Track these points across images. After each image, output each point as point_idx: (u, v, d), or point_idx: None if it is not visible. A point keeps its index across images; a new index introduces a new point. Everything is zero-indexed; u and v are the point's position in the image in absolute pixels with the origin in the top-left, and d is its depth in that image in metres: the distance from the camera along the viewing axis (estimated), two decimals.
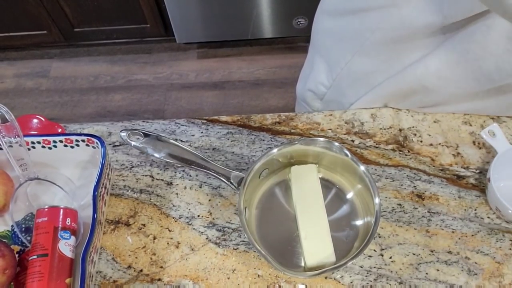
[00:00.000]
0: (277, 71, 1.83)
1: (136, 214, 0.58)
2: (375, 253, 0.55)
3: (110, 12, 1.66)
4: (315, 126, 0.66)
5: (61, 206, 0.53)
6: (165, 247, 0.56)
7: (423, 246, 0.55)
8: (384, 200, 0.59)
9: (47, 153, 0.58)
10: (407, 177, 0.60)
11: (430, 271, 0.54)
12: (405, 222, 0.57)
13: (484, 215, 0.57)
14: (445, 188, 0.59)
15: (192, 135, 0.65)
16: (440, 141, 0.63)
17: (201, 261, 0.55)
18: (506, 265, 0.54)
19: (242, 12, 1.65)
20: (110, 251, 0.56)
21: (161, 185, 0.61)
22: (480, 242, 0.55)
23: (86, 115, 1.74)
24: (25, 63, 1.90)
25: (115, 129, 0.66)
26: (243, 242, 0.56)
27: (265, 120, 0.66)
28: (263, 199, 0.58)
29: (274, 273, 0.54)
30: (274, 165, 0.57)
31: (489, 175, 0.55)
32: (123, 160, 0.63)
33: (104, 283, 0.54)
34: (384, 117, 0.66)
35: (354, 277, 0.53)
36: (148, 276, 0.54)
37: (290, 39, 1.88)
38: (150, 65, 1.87)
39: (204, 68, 1.85)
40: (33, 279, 0.48)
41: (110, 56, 1.90)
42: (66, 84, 1.83)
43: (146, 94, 1.79)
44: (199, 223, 0.58)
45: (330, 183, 0.59)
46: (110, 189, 0.60)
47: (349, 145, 0.63)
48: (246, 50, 1.89)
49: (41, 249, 0.50)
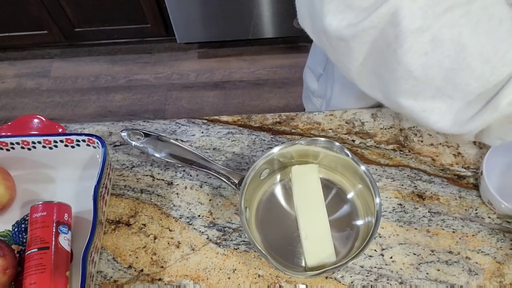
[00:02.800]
0: (278, 71, 1.83)
1: (137, 214, 0.58)
2: (376, 253, 0.55)
3: (111, 12, 1.66)
4: (315, 126, 0.65)
5: (54, 201, 0.53)
6: (165, 247, 0.56)
7: (423, 246, 0.55)
8: (384, 200, 0.58)
9: (47, 153, 0.58)
10: (408, 177, 0.60)
11: (431, 271, 0.53)
12: (406, 222, 0.57)
13: (485, 215, 0.57)
14: (446, 188, 0.59)
15: (192, 135, 0.65)
16: (440, 141, 0.63)
17: (201, 261, 0.55)
18: (507, 265, 0.54)
19: (242, 12, 1.65)
20: (111, 251, 0.56)
21: (162, 185, 0.61)
22: (481, 242, 0.55)
23: (87, 115, 1.74)
24: (26, 63, 1.90)
25: (115, 129, 0.66)
26: (243, 242, 0.56)
27: (266, 120, 0.66)
28: (263, 199, 0.58)
29: (274, 273, 0.54)
30: (275, 165, 0.57)
31: (482, 169, 0.55)
32: (124, 160, 0.63)
33: (105, 283, 0.54)
34: (385, 117, 0.66)
35: (354, 277, 0.53)
36: (149, 276, 0.54)
37: (290, 39, 1.88)
38: (151, 65, 1.87)
39: (205, 68, 1.85)
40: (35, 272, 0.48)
41: (111, 56, 1.90)
42: (66, 84, 1.83)
43: (147, 94, 1.79)
44: (200, 223, 0.58)
45: (331, 183, 0.59)
46: (111, 189, 0.60)
47: (349, 145, 0.63)
48: (247, 50, 1.89)
49: (42, 243, 0.50)
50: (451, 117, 0.39)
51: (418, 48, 0.35)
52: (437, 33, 0.34)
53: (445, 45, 0.35)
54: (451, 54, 0.35)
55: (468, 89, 0.36)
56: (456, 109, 0.38)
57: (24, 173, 0.60)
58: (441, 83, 0.37)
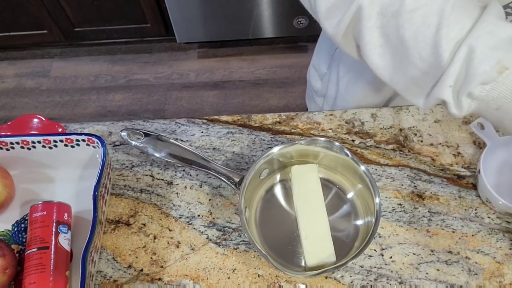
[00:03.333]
0: (278, 71, 1.83)
1: (137, 213, 0.58)
2: (376, 253, 0.55)
3: (111, 11, 1.66)
4: (315, 125, 0.65)
5: (54, 201, 0.53)
6: (165, 246, 0.56)
7: (423, 246, 0.55)
8: (384, 200, 0.59)
9: (47, 152, 0.58)
10: (408, 177, 0.60)
11: (431, 271, 0.54)
12: (406, 222, 0.57)
13: (484, 215, 0.57)
14: (446, 188, 0.59)
15: (192, 135, 0.65)
16: (440, 141, 0.63)
17: (201, 260, 0.55)
18: (506, 265, 0.54)
19: (242, 12, 1.65)
20: (111, 250, 0.56)
21: (162, 185, 0.61)
22: (481, 242, 0.55)
23: (87, 114, 1.74)
24: (26, 62, 1.90)
25: (115, 128, 0.66)
26: (243, 241, 0.56)
27: (266, 120, 0.66)
28: (263, 199, 0.58)
29: (274, 273, 0.54)
30: (275, 165, 0.57)
31: (479, 167, 0.55)
32: (124, 160, 0.63)
33: (105, 282, 0.54)
34: (385, 117, 0.66)
35: (354, 277, 0.53)
36: (149, 275, 0.54)
37: (290, 39, 1.88)
38: (151, 65, 1.87)
39: (205, 67, 1.85)
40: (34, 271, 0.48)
41: (111, 56, 1.90)
42: (66, 83, 1.83)
43: (147, 93, 1.79)
44: (200, 222, 0.58)
45: (331, 182, 0.59)
46: (111, 188, 0.60)
47: (349, 145, 0.63)
48: (247, 49, 1.89)
49: (41, 242, 0.50)
50: (424, 93, 0.43)
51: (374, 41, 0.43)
52: (386, 31, 0.41)
53: (392, 40, 0.41)
54: (397, 46, 0.41)
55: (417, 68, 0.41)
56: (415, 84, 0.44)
57: (23, 173, 0.60)
58: (397, 65, 0.43)
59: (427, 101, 0.43)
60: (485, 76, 0.37)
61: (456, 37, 0.38)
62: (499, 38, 0.37)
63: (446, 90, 0.39)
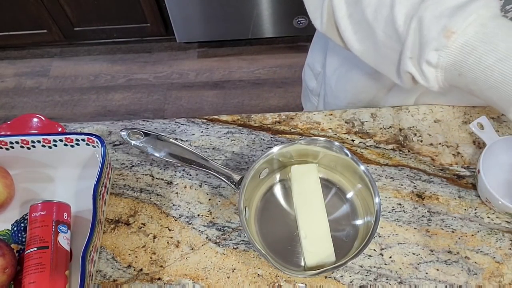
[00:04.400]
0: (278, 70, 1.83)
1: (136, 213, 0.58)
2: (375, 252, 0.55)
3: (111, 11, 1.66)
4: (315, 125, 0.66)
5: (54, 200, 0.53)
6: (165, 246, 0.56)
7: (423, 245, 0.55)
8: (384, 200, 0.59)
9: (47, 152, 0.58)
10: (407, 176, 0.60)
11: (430, 271, 0.54)
12: (405, 221, 0.57)
13: (484, 215, 0.57)
14: (445, 187, 0.59)
15: (192, 135, 0.65)
16: (440, 140, 0.63)
17: (201, 260, 0.55)
18: (506, 264, 0.54)
19: (242, 12, 1.65)
20: (110, 250, 0.56)
21: (161, 185, 0.61)
22: (480, 242, 0.55)
23: (86, 114, 1.74)
24: (25, 62, 1.90)
25: (115, 128, 0.66)
26: (243, 241, 0.56)
27: (265, 120, 0.66)
28: (263, 199, 0.58)
29: (274, 273, 0.54)
30: (274, 165, 0.57)
31: (479, 167, 0.55)
32: (123, 159, 0.63)
33: (104, 282, 0.54)
34: (384, 117, 0.66)
35: (354, 276, 0.53)
36: (148, 275, 0.54)
37: (290, 39, 1.88)
38: (151, 65, 1.87)
39: (205, 67, 1.85)
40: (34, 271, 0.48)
41: (111, 55, 1.90)
42: (66, 83, 1.83)
43: (146, 93, 1.79)
44: (199, 222, 0.58)
45: (330, 182, 0.59)
46: (110, 188, 0.60)
47: (349, 145, 0.63)
48: (247, 49, 1.89)
49: (41, 242, 0.50)
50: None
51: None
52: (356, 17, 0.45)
53: (361, 25, 0.45)
54: (367, 29, 0.45)
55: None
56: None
57: (23, 172, 0.60)
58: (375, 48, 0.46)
59: (401, 77, 0.45)
60: (436, 43, 0.39)
61: (408, 11, 0.40)
62: (446, 7, 0.39)
63: (408, 62, 0.42)
